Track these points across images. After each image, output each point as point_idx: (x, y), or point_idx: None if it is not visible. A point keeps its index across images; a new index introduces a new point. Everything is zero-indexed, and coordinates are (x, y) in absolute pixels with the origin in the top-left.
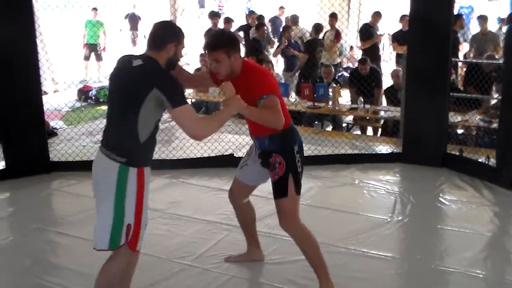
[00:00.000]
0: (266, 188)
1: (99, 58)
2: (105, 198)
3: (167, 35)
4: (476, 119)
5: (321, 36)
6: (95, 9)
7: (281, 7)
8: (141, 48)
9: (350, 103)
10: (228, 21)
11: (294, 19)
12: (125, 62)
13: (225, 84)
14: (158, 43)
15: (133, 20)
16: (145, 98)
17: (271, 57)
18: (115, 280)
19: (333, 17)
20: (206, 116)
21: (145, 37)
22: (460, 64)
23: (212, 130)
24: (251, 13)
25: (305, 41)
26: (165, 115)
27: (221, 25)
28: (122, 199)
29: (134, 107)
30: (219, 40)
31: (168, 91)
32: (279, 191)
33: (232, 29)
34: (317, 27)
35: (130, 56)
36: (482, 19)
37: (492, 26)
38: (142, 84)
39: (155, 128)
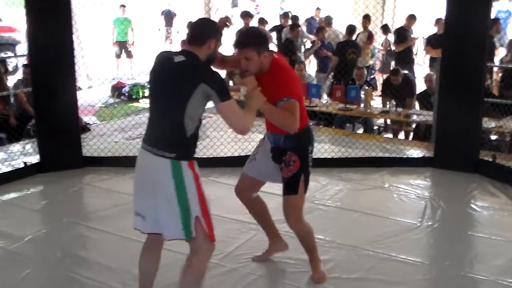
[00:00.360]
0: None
1: (129, 55)
2: (163, 194)
3: (208, 31)
4: (511, 125)
5: (354, 37)
6: (123, 6)
7: (318, 8)
8: (175, 44)
9: (381, 105)
10: (262, 21)
11: (327, 20)
12: (166, 59)
13: (248, 78)
14: (200, 38)
15: (169, 16)
16: (193, 92)
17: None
18: (202, 275)
19: (366, 18)
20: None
21: (178, 33)
22: (495, 69)
23: (252, 124)
24: (284, 13)
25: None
26: None
27: (254, 25)
28: (184, 193)
29: (181, 102)
30: (248, 38)
31: (216, 85)
32: (291, 188)
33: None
34: (351, 29)
35: (169, 52)
36: None
37: None
38: (189, 79)
39: (200, 122)
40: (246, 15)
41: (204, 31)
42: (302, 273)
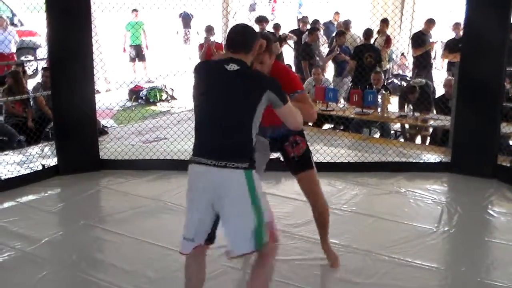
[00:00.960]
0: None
1: (142, 58)
2: (235, 206)
3: (253, 38)
4: None
5: (372, 41)
6: (135, 10)
7: (337, 13)
8: (193, 45)
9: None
10: (276, 27)
11: (346, 24)
12: (218, 68)
13: None
14: (247, 45)
15: (186, 18)
16: (260, 100)
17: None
18: (272, 271)
19: (384, 23)
20: None
21: (198, 34)
22: None
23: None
24: (303, 18)
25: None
26: None
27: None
28: (257, 202)
29: (249, 110)
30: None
31: (278, 90)
32: (307, 163)
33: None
34: (367, 33)
35: (217, 61)
36: None
37: None
38: (256, 87)
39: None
40: (262, 20)
41: (249, 38)
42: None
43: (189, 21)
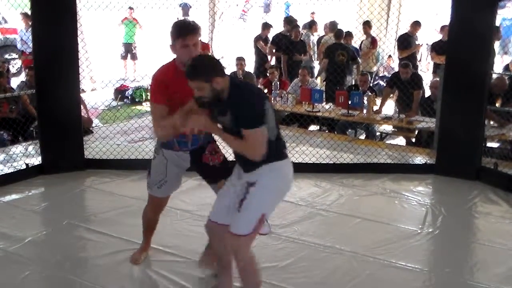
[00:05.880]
0: (297, 194)
1: (134, 57)
2: None
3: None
4: None
5: (353, 42)
6: (130, 8)
7: (313, 12)
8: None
9: (385, 111)
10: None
11: (333, 26)
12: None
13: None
14: None
15: (185, 9)
16: None
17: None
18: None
19: (366, 24)
20: None
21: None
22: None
23: None
24: (286, 18)
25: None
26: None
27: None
28: None
29: None
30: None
31: None
32: (229, 170)
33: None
34: (338, 33)
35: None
36: None
37: None
38: None
39: None
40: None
41: None
42: (303, 277)
43: (188, 10)
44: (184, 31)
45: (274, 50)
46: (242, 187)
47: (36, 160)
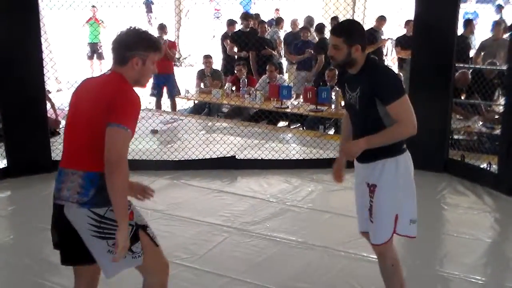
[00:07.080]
0: (268, 191)
1: (100, 57)
2: None
3: None
4: (478, 125)
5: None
6: (93, 7)
7: (277, 9)
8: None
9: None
10: (231, 23)
11: (309, 21)
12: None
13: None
14: None
15: (148, 5)
16: None
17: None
18: None
19: (334, 20)
20: None
21: (156, 19)
22: None
23: None
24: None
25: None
26: (161, 117)
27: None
28: None
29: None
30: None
31: None
32: None
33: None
34: (320, 27)
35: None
36: (497, 24)
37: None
38: None
39: None
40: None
41: None
42: (275, 274)
43: (150, 6)
44: (160, 44)
45: (235, 49)
46: (363, 192)
47: (2, 163)
